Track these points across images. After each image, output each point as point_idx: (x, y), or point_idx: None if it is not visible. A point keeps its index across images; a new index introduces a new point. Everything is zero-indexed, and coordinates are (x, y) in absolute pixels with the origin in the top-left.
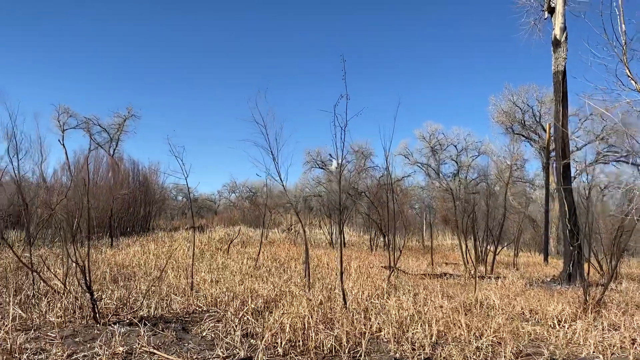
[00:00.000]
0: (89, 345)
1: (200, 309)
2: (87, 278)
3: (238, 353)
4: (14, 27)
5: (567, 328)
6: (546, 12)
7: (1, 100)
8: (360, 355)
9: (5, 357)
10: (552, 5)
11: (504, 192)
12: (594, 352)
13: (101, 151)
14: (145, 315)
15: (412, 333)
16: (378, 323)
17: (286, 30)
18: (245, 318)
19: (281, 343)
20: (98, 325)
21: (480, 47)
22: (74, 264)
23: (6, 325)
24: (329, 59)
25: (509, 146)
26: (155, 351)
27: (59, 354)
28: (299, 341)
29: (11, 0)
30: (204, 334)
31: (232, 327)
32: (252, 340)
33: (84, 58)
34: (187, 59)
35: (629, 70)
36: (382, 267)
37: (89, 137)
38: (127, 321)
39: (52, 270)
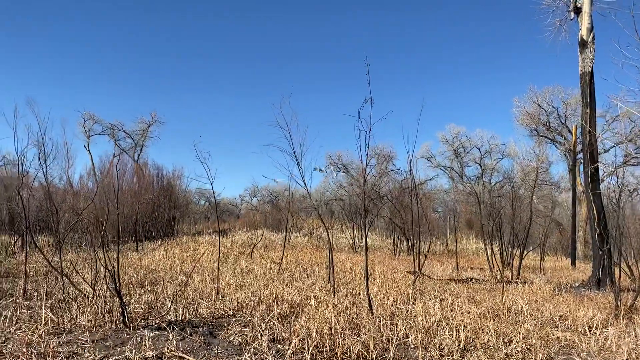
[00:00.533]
0: (119, 349)
1: (226, 314)
2: (117, 283)
3: (266, 358)
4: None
5: (599, 335)
6: (572, 13)
7: (30, 108)
8: None
9: None
10: (579, 5)
11: (530, 195)
12: (627, 359)
13: (126, 156)
14: (173, 319)
15: (440, 339)
16: (405, 329)
17: (305, 34)
18: (271, 323)
19: (308, 348)
20: (127, 330)
21: (503, 48)
22: (102, 268)
23: (39, 330)
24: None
25: (534, 148)
26: (184, 356)
27: (91, 357)
28: (326, 347)
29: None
30: (231, 338)
31: (259, 332)
32: (279, 346)
33: (109, 65)
34: (208, 63)
35: None
36: (406, 272)
37: (113, 143)
38: (156, 325)
39: (80, 275)
